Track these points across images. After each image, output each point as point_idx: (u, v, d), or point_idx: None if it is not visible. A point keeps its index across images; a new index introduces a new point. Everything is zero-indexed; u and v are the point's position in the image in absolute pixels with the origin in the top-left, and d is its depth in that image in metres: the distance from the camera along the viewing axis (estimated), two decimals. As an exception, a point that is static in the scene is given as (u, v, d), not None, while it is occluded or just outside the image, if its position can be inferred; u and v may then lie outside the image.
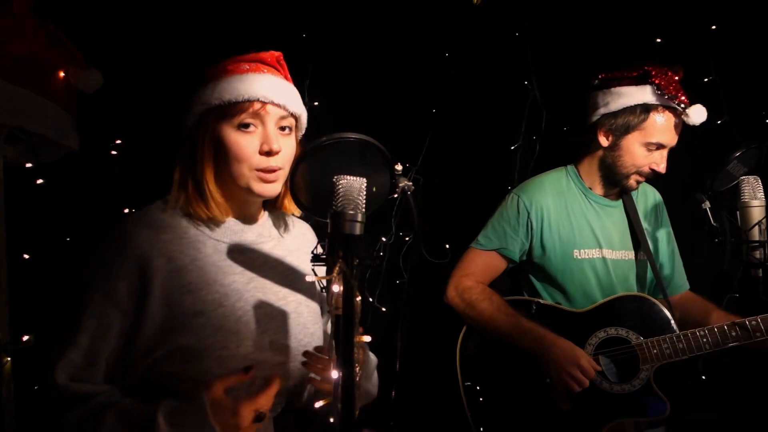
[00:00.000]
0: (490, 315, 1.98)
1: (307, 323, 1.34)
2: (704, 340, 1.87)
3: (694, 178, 2.11)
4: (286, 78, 1.37)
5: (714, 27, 2.42)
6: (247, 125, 1.25)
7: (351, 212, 0.98)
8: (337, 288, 0.96)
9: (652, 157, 1.97)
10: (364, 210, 1.00)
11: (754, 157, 1.98)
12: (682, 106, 1.93)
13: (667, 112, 1.95)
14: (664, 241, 2.14)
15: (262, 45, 1.39)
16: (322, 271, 1.07)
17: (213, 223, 1.30)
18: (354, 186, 1.00)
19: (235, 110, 1.25)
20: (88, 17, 2.00)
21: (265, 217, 1.41)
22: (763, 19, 2.37)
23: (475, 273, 2.07)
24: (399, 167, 1.10)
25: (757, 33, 2.40)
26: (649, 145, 1.96)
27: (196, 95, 1.30)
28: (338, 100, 2.29)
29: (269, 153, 1.25)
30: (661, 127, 1.94)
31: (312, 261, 1.02)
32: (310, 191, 1.17)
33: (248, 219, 1.36)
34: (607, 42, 2.41)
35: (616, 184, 2.05)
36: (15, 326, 1.84)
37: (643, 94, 1.96)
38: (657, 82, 1.94)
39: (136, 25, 2.07)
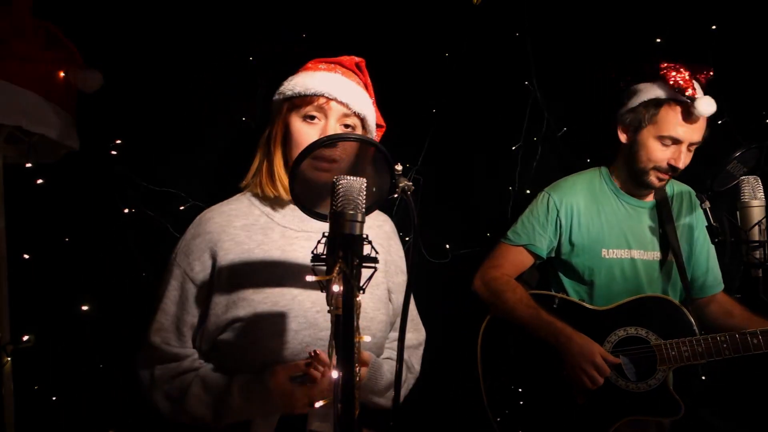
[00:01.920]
0: (512, 305, 2.01)
1: (367, 308, 1.41)
2: (724, 345, 1.87)
3: (694, 178, 2.11)
4: (364, 83, 1.50)
5: (714, 27, 2.42)
6: (311, 117, 1.39)
7: (351, 212, 0.98)
8: (337, 288, 0.96)
9: (668, 152, 1.97)
10: (364, 210, 0.99)
11: (754, 157, 1.98)
12: (690, 98, 1.92)
13: (677, 106, 1.95)
14: (698, 242, 2.13)
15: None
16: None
17: (281, 207, 1.44)
18: (354, 186, 0.99)
19: (304, 102, 1.39)
20: (88, 17, 1.99)
21: None
22: (763, 19, 2.37)
23: (503, 266, 2.11)
24: (399, 167, 1.10)
25: (757, 33, 2.40)
26: (663, 139, 1.96)
27: (278, 88, 1.45)
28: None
29: None
30: (673, 120, 1.95)
31: (312, 261, 1.02)
32: (311, 191, 1.17)
33: None
34: (608, 42, 2.41)
35: (639, 183, 2.05)
36: (15, 326, 1.84)
37: (655, 90, 1.98)
38: (667, 76, 1.94)
39: (135, 25, 2.07)
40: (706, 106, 1.91)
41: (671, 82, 1.93)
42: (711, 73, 2.00)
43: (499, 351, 2.05)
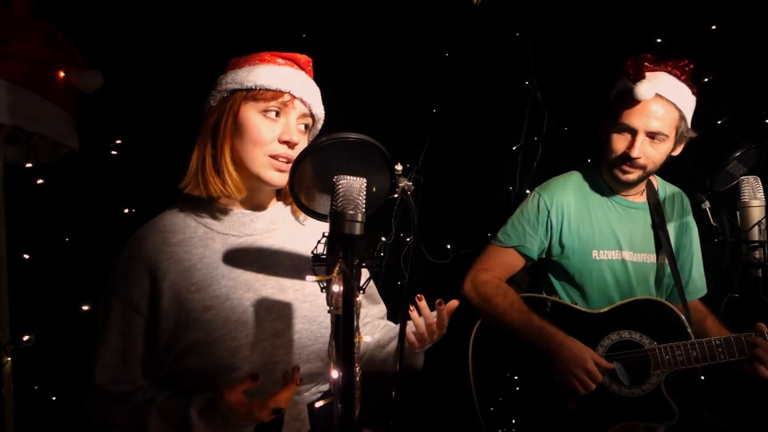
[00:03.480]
0: (503, 310, 1.98)
1: (322, 310, 1.35)
2: (719, 350, 1.84)
3: (694, 178, 2.11)
4: None
5: (714, 27, 2.42)
6: (272, 113, 1.31)
7: (351, 212, 0.98)
8: (337, 288, 0.96)
9: (624, 141, 1.94)
10: (364, 210, 0.99)
11: (754, 157, 1.98)
12: (632, 81, 1.89)
13: (628, 94, 1.91)
14: (686, 247, 2.11)
15: (267, 44, 1.42)
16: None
17: (219, 213, 1.35)
18: (354, 186, 1.00)
19: (266, 96, 1.31)
20: (88, 17, 1.99)
21: (277, 205, 1.44)
22: (763, 19, 2.37)
23: (493, 268, 2.08)
24: (399, 167, 1.10)
25: (757, 33, 2.40)
26: (619, 127, 1.94)
27: (226, 75, 1.35)
28: (338, 100, 2.29)
29: (288, 143, 1.30)
30: (625, 108, 1.92)
31: (312, 261, 1.02)
32: (311, 191, 1.17)
33: (258, 207, 1.40)
34: (608, 42, 2.41)
35: (613, 178, 2.02)
36: (15, 326, 1.84)
37: (620, 82, 1.99)
38: (626, 66, 1.94)
39: (135, 25, 2.07)
40: (642, 89, 1.87)
41: (628, 71, 1.92)
42: (692, 66, 1.97)
43: (491, 354, 2.03)
